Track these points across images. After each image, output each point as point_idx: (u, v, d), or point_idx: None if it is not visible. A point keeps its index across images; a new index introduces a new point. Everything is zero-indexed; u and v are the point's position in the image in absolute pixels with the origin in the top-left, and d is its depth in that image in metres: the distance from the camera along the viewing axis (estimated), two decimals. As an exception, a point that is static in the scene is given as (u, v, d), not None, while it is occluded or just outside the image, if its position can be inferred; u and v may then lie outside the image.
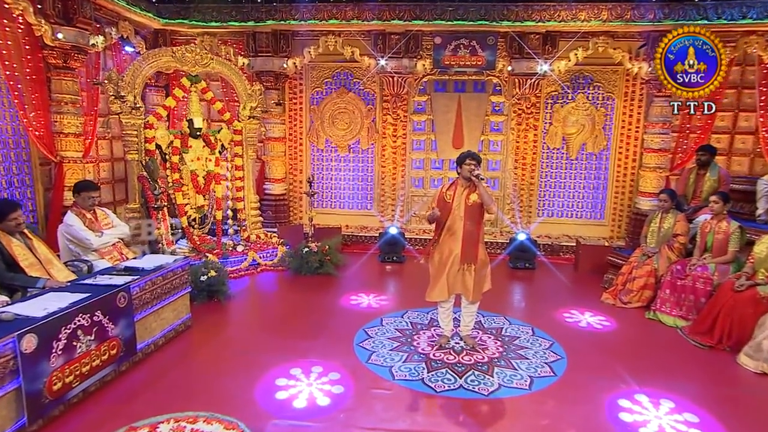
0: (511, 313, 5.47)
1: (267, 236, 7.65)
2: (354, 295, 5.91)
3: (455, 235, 4.29)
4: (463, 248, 4.26)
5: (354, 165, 8.66)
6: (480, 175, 4.18)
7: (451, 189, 4.36)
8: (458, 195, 4.30)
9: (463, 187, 4.31)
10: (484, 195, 4.19)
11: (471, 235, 4.27)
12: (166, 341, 4.46)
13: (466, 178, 4.29)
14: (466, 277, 4.32)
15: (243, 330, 4.96)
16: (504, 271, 7.26)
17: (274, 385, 3.81)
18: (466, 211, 4.25)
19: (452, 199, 4.31)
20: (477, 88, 8.22)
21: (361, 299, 5.81)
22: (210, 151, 6.99)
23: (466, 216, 4.25)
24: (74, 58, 6.12)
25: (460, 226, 4.26)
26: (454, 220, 4.29)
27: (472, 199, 4.25)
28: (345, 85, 8.43)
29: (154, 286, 4.26)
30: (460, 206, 4.27)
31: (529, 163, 8.29)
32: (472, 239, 4.27)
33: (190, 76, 6.72)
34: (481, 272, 4.36)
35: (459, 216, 4.27)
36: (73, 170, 6.33)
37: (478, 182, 4.19)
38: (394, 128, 8.34)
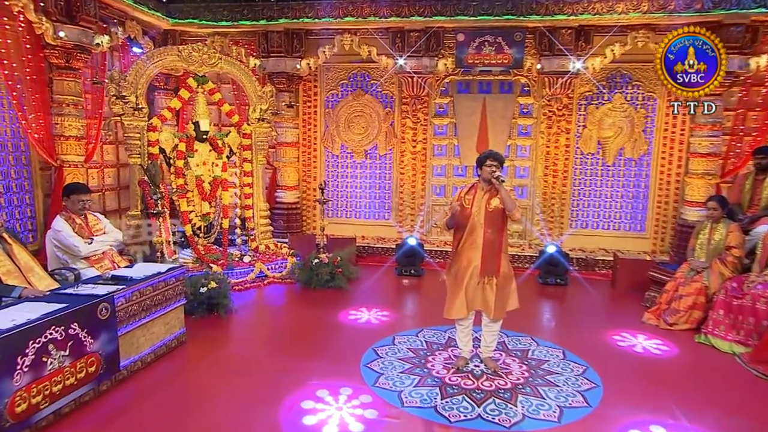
0: (539, 333, 5.07)
1: (277, 247, 7.43)
2: (364, 311, 5.60)
3: (474, 244, 3.96)
4: (483, 259, 3.93)
5: (371, 172, 8.40)
6: (501, 178, 3.85)
7: (470, 193, 4.04)
8: (478, 200, 3.98)
9: (484, 191, 3.99)
10: (507, 199, 3.85)
11: (492, 244, 3.93)
12: (156, 358, 4.23)
13: (486, 181, 3.97)
14: (487, 292, 3.98)
15: (241, 347, 4.70)
16: (533, 286, 6.85)
17: (264, 408, 3.52)
18: (487, 218, 3.93)
19: (471, 204, 3.99)
20: (503, 89, 7.89)
21: (372, 315, 5.50)
22: (217, 156, 6.83)
23: (487, 223, 3.93)
24: (77, 58, 6.06)
25: (480, 234, 3.94)
26: (474, 227, 3.97)
27: (493, 204, 3.92)
28: (362, 86, 8.22)
29: (143, 297, 4.03)
30: (480, 212, 3.95)
31: (560, 169, 7.87)
32: (493, 249, 3.93)
33: (197, 76, 6.60)
34: (504, 287, 4.02)
35: (479, 223, 3.95)
36: (73, 175, 6.24)
37: (500, 185, 3.86)
38: (413, 132, 8.06)
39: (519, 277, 7.12)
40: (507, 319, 4.26)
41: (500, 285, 3.98)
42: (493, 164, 3.94)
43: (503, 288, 4.01)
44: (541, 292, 6.68)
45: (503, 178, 3.88)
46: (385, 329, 5.08)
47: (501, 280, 3.98)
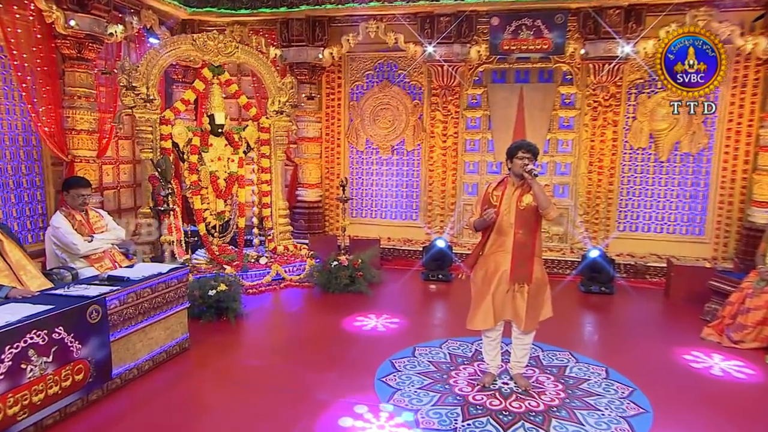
0: (579, 347, 4.67)
1: (296, 248, 7.25)
2: (383, 318, 5.34)
3: (503, 246, 3.65)
4: (513, 263, 3.61)
5: (398, 169, 8.13)
6: (535, 171, 3.51)
7: (499, 189, 3.73)
8: (508, 196, 3.66)
9: (515, 186, 3.68)
10: (540, 196, 3.52)
11: (523, 246, 3.60)
12: (155, 365, 4.07)
13: (518, 176, 3.65)
14: (517, 301, 3.65)
15: (248, 355, 4.51)
16: (573, 295, 6.43)
17: (264, 424, 3.29)
18: (518, 217, 3.60)
19: (500, 201, 3.67)
20: (543, 78, 7.49)
21: (392, 323, 5.23)
22: (233, 151, 6.71)
23: (518, 222, 3.60)
24: (89, 49, 6.03)
25: (510, 235, 3.62)
26: (503, 227, 3.66)
27: (525, 202, 3.60)
28: (388, 77, 7.97)
29: (140, 299, 3.88)
30: (510, 210, 3.63)
31: (606, 166, 7.40)
32: (524, 252, 3.60)
33: (212, 66, 6.49)
34: (536, 295, 3.68)
35: (508, 222, 3.63)
36: (85, 170, 6.19)
37: (532, 180, 3.52)
38: (443, 126, 7.75)
39: (559, 285, 6.84)
40: (543, 331, 3.93)
41: (532, 293, 3.65)
42: (526, 156, 3.62)
43: (536, 296, 3.67)
44: (582, 301, 6.25)
45: (537, 172, 3.54)
46: (406, 339, 4.79)
47: (533, 287, 3.65)
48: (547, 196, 3.58)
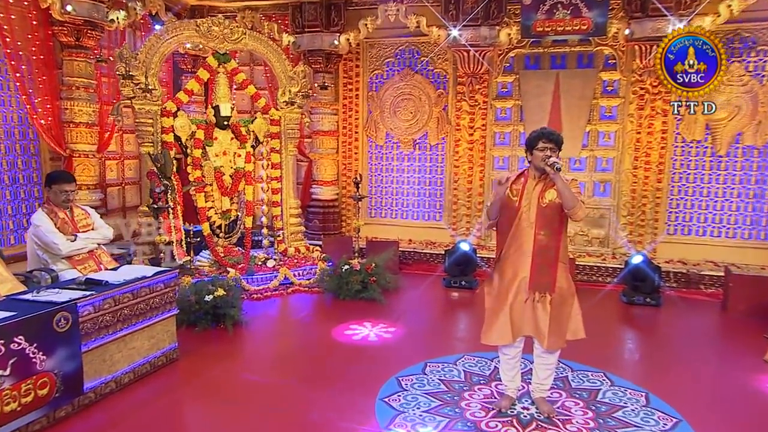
0: (615, 368, 4.26)
1: (309, 250, 7.03)
2: (394, 329, 5.06)
3: (522, 249, 3.32)
4: (533, 269, 3.28)
5: (420, 165, 7.81)
6: (557, 165, 3.16)
7: (519, 183, 3.38)
8: (528, 192, 3.33)
9: (536, 180, 3.34)
10: (565, 192, 3.16)
11: (546, 250, 3.27)
12: (136, 378, 3.89)
13: (538, 169, 3.29)
14: (539, 313, 3.31)
15: (242, 367, 4.28)
16: (614, 306, 6.00)
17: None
18: (539, 216, 3.27)
19: (520, 197, 3.33)
20: (582, 63, 7.05)
21: (402, 334, 4.96)
22: (239, 145, 6.53)
23: (539, 222, 3.26)
24: (88, 36, 5.94)
25: (530, 236, 3.29)
26: (522, 227, 3.32)
27: (548, 198, 3.26)
28: (410, 65, 7.66)
29: (119, 305, 3.70)
30: (531, 208, 3.29)
31: (654, 161, 6.89)
32: (547, 257, 3.27)
33: (218, 54, 6.33)
34: (561, 307, 3.33)
35: (528, 222, 3.29)
36: (84, 166, 6.15)
37: (555, 175, 3.16)
38: (470, 118, 7.40)
39: (598, 294, 6.39)
40: (573, 347, 3.56)
41: (556, 304, 3.30)
42: (547, 146, 3.28)
43: (560, 308, 3.32)
44: (623, 313, 5.81)
45: (559, 165, 3.18)
46: (417, 353, 4.49)
47: (557, 298, 3.31)
48: (574, 193, 3.21)
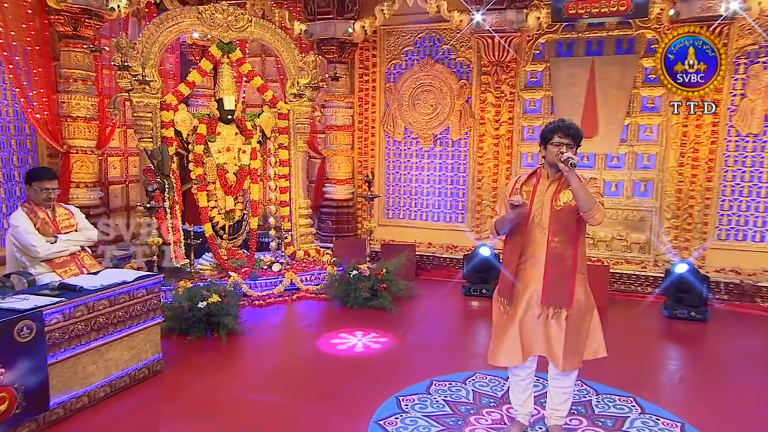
0: (649, 392, 3.90)
1: (319, 253, 6.85)
2: (400, 342, 4.84)
3: (534, 258, 3.07)
4: (546, 282, 3.01)
5: (441, 162, 7.53)
6: (572, 161, 2.86)
7: (530, 184, 3.11)
8: (540, 194, 3.06)
9: (549, 180, 3.06)
10: (580, 192, 2.86)
11: (560, 259, 3.00)
12: (113, 392, 3.75)
13: (553, 166, 3.01)
14: (552, 330, 3.03)
15: (231, 381, 4.11)
16: (653, 320, 5.61)
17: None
18: (553, 220, 2.99)
19: (531, 199, 3.06)
20: (620, 48, 6.64)
21: (409, 348, 4.76)
22: (244, 141, 6.39)
23: (553, 228, 3.00)
24: (86, 25, 5.89)
25: (543, 244, 3.03)
26: (533, 233, 3.05)
27: (562, 200, 2.98)
28: (431, 53, 7.38)
29: (93, 313, 3.57)
30: (543, 211, 3.02)
31: (703, 157, 6.42)
32: (561, 267, 2.99)
33: (222, 43, 6.20)
34: (579, 324, 3.06)
35: (540, 227, 3.02)
36: (82, 162, 6.12)
37: (570, 172, 2.87)
38: (496, 110, 7.08)
39: (636, 306, 6.00)
40: (600, 366, 3.26)
41: (573, 321, 3.01)
42: (563, 141, 2.99)
43: (577, 325, 3.03)
44: (664, 328, 5.42)
45: (575, 161, 2.88)
46: (423, 369, 4.24)
47: (574, 314, 3.02)
48: (591, 194, 2.90)
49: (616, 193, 6.82)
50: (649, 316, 5.69)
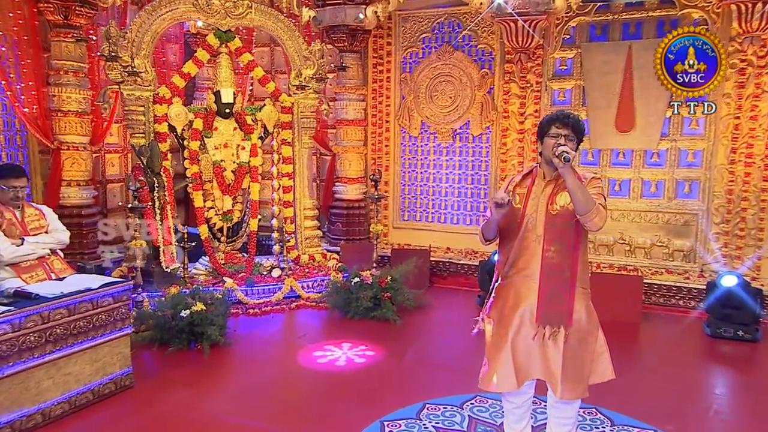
0: (676, 424, 3.53)
1: (325, 258, 6.65)
2: (401, 357, 4.62)
3: (528, 269, 2.80)
4: (541, 297, 2.75)
5: (461, 159, 7.22)
6: (566, 155, 2.56)
7: (524, 185, 2.84)
8: (535, 196, 2.80)
9: (546, 180, 2.79)
10: (576, 192, 2.58)
11: (557, 271, 2.73)
12: (72, 409, 3.62)
13: (550, 164, 2.75)
14: (550, 353, 2.76)
15: (205, 399, 3.94)
16: (693, 339, 5.23)
17: None
18: (548, 226, 2.73)
19: (525, 202, 2.78)
20: (662, 31, 6.21)
21: (402, 365, 4.52)
22: (243, 136, 6.24)
23: (548, 234, 2.73)
24: (77, 13, 5.81)
25: (537, 252, 2.76)
26: (527, 241, 2.79)
27: (559, 204, 2.71)
28: (449, 40, 7.08)
29: (49, 323, 3.44)
30: (538, 216, 2.75)
31: (759, 154, 5.91)
32: (558, 279, 2.73)
33: (219, 31, 6.08)
34: (580, 346, 2.77)
35: (535, 234, 2.75)
36: (73, 160, 6.05)
37: (564, 168, 2.58)
38: (521, 102, 6.74)
39: (675, 322, 5.57)
40: (618, 391, 2.98)
41: (573, 342, 2.73)
42: (561, 132, 2.72)
43: (578, 348, 2.75)
44: (705, 349, 5.01)
45: (569, 155, 2.58)
46: (418, 389, 4.01)
47: (574, 334, 2.74)
48: (589, 194, 2.60)
49: (657, 194, 6.38)
50: (690, 335, 5.29)
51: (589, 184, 2.73)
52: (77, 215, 6.06)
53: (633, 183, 6.46)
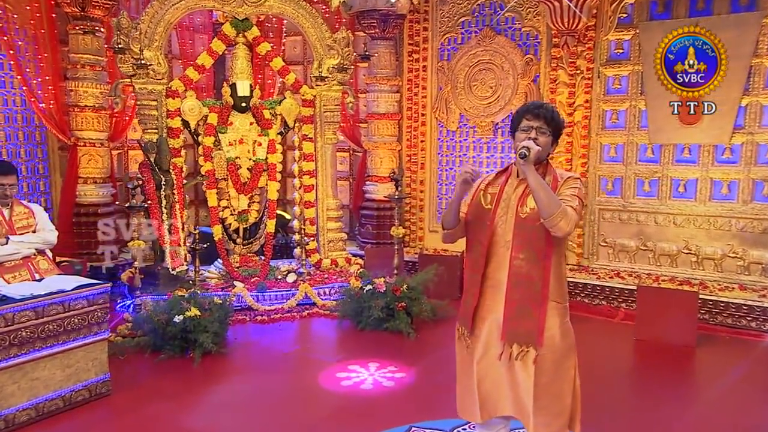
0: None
1: (349, 262, 6.57)
2: (402, 375, 4.44)
3: (495, 279, 2.63)
4: (508, 309, 2.55)
5: (503, 156, 6.93)
6: (523, 151, 2.45)
7: (496, 185, 2.66)
8: (506, 197, 2.66)
9: (518, 179, 2.62)
10: (538, 191, 2.42)
11: (525, 282, 2.53)
12: (39, 416, 3.68)
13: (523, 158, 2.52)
14: (519, 378, 2.56)
15: (185, 412, 3.92)
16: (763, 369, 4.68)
17: None
18: (517, 231, 2.54)
19: (496, 203, 2.57)
20: (737, 5, 5.71)
21: (409, 384, 4.33)
22: (260, 131, 6.26)
23: (517, 241, 2.55)
24: (94, 5, 6.02)
25: (505, 260, 2.56)
26: (496, 248, 2.62)
27: (529, 206, 2.57)
28: (491, 23, 6.81)
29: (13, 325, 3.51)
30: (507, 220, 2.54)
31: None
32: (528, 291, 2.53)
33: (236, 20, 6.12)
34: (554, 370, 2.54)
35: (504, 239, 2.56)
36: (90, 156, 6.28)
37: (525, 166, 2.44)
38: (569, 92, 6.39)
39: (748, 348, 5.05)
40: None
41: (546, 366, 2.52)
42: (532, 124, 2.55)
43: (553, 372, 2.53)
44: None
45: (527, 152, 2.43)
46: (405, 411, 3.84)
47: (547, 356, 2.51)
48: (553, 195, 2.39)
49: (729, 197, 5.85)
50: (763, 364, 4.77)
51: (565, 183, 2.54)
52: (93, 214, 6.27)
53: (700, 183, 5.95)
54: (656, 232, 6.17)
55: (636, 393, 4.30)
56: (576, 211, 2.43)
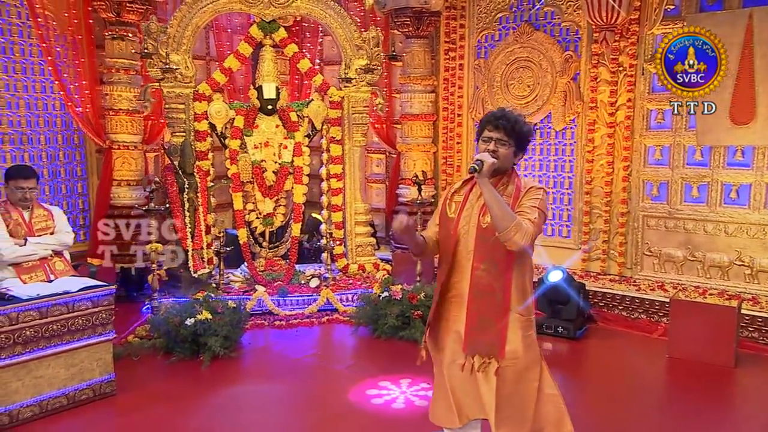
0: None
1: (377, 268, 6.66)
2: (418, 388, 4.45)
3: (458, 290, 2.71)
4: (469, 321, 2.65)
5: (541, 159, 6.84)
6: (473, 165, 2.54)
7: (461, 194, 2.79)
8: (470, 206, 2.75)
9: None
10: (492, 206, 2.51)
11: (487, 293, 2.62)
12: (43, 413, 3.96)
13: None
14: (482, 389, 2.64)
15: (189, 414, 4.15)
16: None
17: None
18: (479, 241, 2.63)
19: (459, 213, 2.64)
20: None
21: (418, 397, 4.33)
22: (287, 134, 6.45)
23: (479, 251, 2.63)
24: (128, 10, 6.37)
25: (467, 270, 2.67)
26: (459, 258, 2.70)
27: (488, 218, 2.50)
28: (529, 19, 6.73)
29: (18, 324, 3.80)
30: (470, 229, 2.67)
31: None
32: (489, 303, 2.62)
33: (263, 22, 6.34)
34: (516, 382, 2.65)
35: (466, 250, 2.63)
36: (124, 159, 6.63)
37: (480, 179, 2.53)
38: (611, 90, 6.25)
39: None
40: None
41: (508, 378, 2.62)
42: (492, 136, 2.64)
43: (515, 384, 2.64)
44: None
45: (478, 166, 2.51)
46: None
47: (510, 366, 2.61)
48: (507, 209, 2.49)
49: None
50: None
51: (527, 194, 2.60)
52: (127, 216, 6.63)
53: (754, 189, 5.67)
54: (705, 242, 5.92)
55: (660, 414, 4.18)
56: (534, 224, 2.47)
